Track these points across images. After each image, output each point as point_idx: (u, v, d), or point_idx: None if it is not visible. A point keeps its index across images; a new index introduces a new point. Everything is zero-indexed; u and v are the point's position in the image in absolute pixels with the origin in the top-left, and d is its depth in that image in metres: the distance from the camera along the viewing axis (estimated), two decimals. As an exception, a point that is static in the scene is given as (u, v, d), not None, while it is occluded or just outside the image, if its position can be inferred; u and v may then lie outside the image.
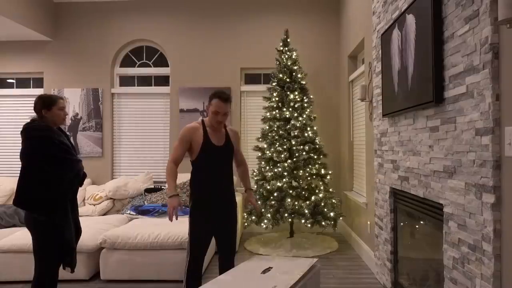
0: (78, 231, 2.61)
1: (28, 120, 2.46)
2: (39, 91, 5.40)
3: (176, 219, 2.39)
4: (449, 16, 2.02)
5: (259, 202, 4.22)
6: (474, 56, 1.78)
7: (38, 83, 5.49)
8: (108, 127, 5.31)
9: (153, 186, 4.84)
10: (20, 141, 2.78)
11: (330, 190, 4.40)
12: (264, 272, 1.93)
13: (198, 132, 2.48)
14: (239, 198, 4.32)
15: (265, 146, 4.40)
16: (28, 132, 2.35)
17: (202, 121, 2.54)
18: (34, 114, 2.54)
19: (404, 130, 2.67)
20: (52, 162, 2.35)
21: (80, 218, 4.17)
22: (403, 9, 2.63)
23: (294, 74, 4.47)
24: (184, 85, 5.28)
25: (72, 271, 2.52)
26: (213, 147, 2.48)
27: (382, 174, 3.14)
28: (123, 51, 5.44)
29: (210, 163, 2.48)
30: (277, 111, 4.41)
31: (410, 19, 2.43)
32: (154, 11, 5.31)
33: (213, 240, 3.76)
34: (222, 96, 2.43)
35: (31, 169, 2.33)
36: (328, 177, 4.40)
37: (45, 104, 2.42)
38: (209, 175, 2.48)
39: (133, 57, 5.46)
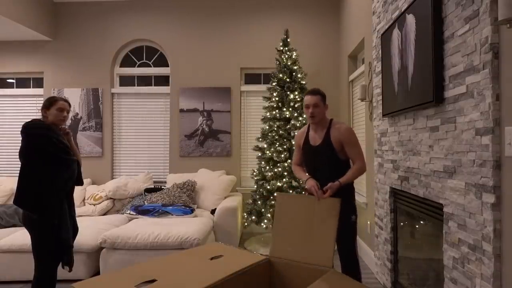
0: (75, 229, 2.61)
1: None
2: (39, 91, 5.41)
3: (324, 194, 2.27)
4: (449, 16, 2.02)
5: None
6: (474, 56, 1.78)
7: (38, 83, 5.49)
8: (108, 127, 5.31)
9: (153, 186, 4.84)
10: (20, 141, 2.80)
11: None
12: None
13: (302, 134, 2.60)
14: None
15: (265, 146, 4.40)
16: (27, 129, 2.37)
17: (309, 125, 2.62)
18: (37, 114, 2.59)
19: (404, 130, 2.67)
20: (49, 161, 2.35)
21: (80, 218, 4.19)
22: (403, 9, 2.63)
23: (294, 74, 4.47)
24: (184, 85, 5.28)
25: (70, 269, 2.52)
26: (310, 147, 2.52)
27: (382, 174, 3.14)
28: (123, 51, 5.44)
29: (308, 163, 2.56)
30: (277, 111, 4.41)
31: (410, 19, 2.43)
32: (154, 11, 5.31)
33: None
34: (310, 91, 2.49)
35: (28, 168, 2.34)
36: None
37: (45, 103, 2.49)
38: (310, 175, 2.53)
39: (133, 57, 5.46)
